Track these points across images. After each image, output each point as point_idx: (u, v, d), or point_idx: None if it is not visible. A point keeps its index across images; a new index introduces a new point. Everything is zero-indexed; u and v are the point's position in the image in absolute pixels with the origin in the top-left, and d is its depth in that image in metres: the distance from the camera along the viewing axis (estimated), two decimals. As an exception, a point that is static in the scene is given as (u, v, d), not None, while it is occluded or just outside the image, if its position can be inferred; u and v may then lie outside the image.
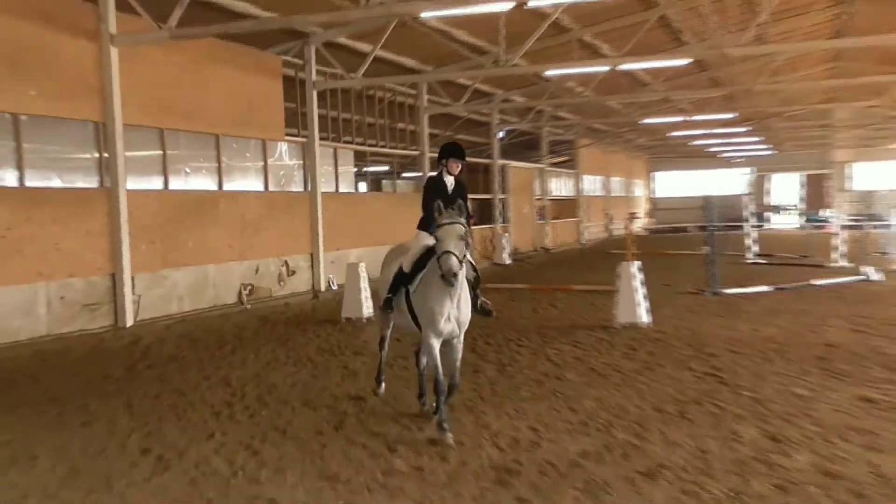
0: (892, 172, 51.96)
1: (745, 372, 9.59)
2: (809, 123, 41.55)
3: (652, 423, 7.41)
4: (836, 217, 28.19)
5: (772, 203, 58.13)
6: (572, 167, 41.87)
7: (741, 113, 34.11)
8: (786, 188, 60.54)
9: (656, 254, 29.08)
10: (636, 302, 13.11)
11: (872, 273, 19.39)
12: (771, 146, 49.95)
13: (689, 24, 20.64)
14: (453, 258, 6.68)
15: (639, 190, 56.14)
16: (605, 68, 22.76)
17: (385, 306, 7.90)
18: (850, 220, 30.15)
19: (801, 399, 8.22)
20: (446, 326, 7.13)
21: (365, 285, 14.94)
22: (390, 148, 25.28)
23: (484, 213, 30.95)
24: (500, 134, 32.74)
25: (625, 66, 22.26)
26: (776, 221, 55.74)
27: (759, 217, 50.41)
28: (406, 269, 7.56)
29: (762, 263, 25.06)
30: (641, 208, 53.89)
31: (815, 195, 52.98)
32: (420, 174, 26.23)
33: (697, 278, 19.07)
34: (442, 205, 6.94)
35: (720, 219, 30.57)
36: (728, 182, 55.11)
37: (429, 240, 7.25)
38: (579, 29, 20.94)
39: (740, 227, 28.65)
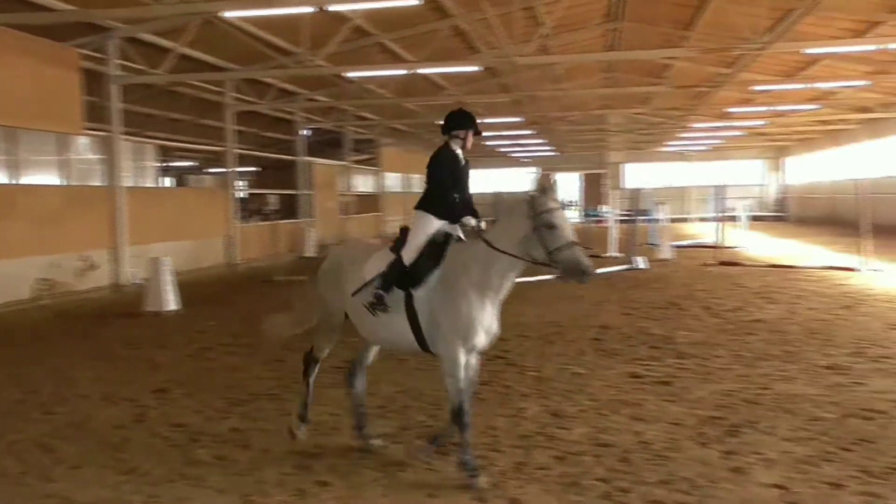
0: (657, 172, 55.91)
1: (531, 354, 10.03)
2: (587, 127, 43.72)
3: (444, 404, 7.57)
4: (610, 212, 29.91)
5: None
6: (375, 165, 42.12)
7: (528, 117, 35.42)
8: (567, 186, 63.62)
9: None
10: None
11: (640, 262, 20.73)
12: (554, 147, 52.25)
13: (480, 33, 21.28)
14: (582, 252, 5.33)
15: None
16: (402, 72, 23.02)
17: (378, 304, 5.73)
18: (622, 215, 32.06)
19: (578, 377, 8.71)
20: (480, 340, 5.57)
21: (167, 279, 14.40)
22: (196, 144, 24.42)
23: (290, 208, 30.50)
24: (305, 132, 32.39)
25: (422, 71, 22.61)
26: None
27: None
28: (407, 261, 5.74)
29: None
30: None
31: (593, 192, 55.92)
32: (226, 170, 25.50)
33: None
34: (552, 181, 5.55)
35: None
36: (517, 180, 57.17)
37: (448, 227, 5.84)
38: (379, 34, 21.08)
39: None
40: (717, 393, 7.80)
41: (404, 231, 6.00)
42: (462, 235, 5.86)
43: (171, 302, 14.33)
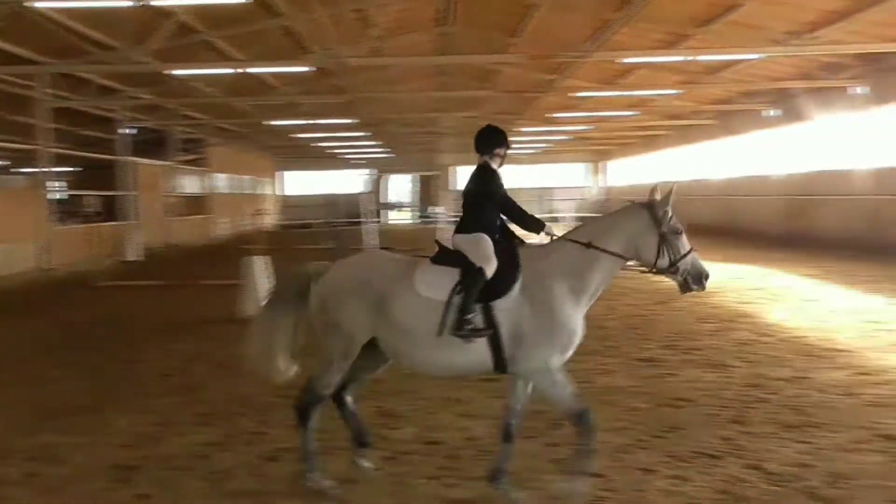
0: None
1: (363, 355, 9.98)
2: (420, 130, 44.22)
3: (276, 409, 7.46)
4: (442, 214, 30.37)
5: (389, 201, 61.33)
6: (203, 165, 40.81)
7: (361, 118, 35.42)
8: (401, 187, 64.19)
9: (285, 249, 29.29)
10: (262, 295, 13.10)
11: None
12: (388, 149, 52.44)
13: (311, 33, 21.04)
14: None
15: (268, 188, 56.12)
16: (230, 71, 22.45)
17: (482, 330, 5.07)
18: (453, 217, 32.64)
19: (411, 378, 8.74)
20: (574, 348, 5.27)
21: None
22: (4, 142, 22.79)
23: (112, 210, 29.07)
24: (128, 130, 30.93)
25: (251, 70, 22.13)
26: (394, 217, 58.96)
27: (379, 214, 52.87)
28: (490, 272, 5.19)
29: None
30: (269, 206, 53.92)
31: (426, 194, 56.61)
32: (40, 170, 23.92)
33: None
34: (671, 189, 5.45)
35: (345, 215, 31.62)
36: (351, 182, 57.07)
37: (542, 237, 5.60)
38: (206, 31, 20.40)
39: (361, 223, 29.69)
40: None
41: (440, 244, 5.61)
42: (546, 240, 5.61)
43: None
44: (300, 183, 59.38)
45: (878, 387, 7.83)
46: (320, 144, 47.27)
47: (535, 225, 5.62)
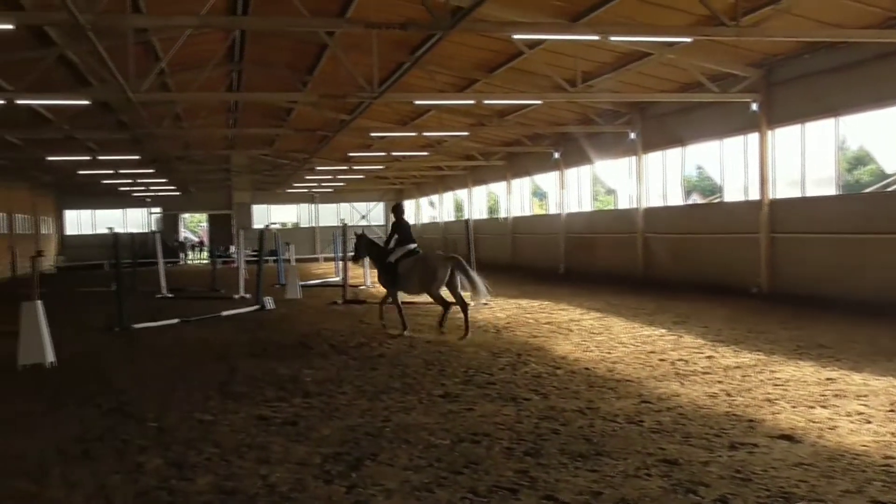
0: (286, 212, 56.95)
1: (152, 402, 9.44)
2: (212, 167, 43.03)
3: (53, 466, 6.86)
4: (238, 253, 29.46)
5: (182, 240, 58.99)
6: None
7: (147, 154, 33.93)
8: (196, 226, 61.95)
9: (67, 292, 27.41)
10: (41, 341, 12.12)
11: (268, 302, 20.67)
12: (176, 187, 50.31)
13: (90, 65, 19.88)
14: None
15: (48, 227, 52.17)
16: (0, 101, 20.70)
17: None
18: (250, 256, 31.83)
19: (203, 424, 8.35)
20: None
21: None
22: None
23: None
24: None
25: (22, 101, 20.52)
26: (191, 258, 56.85)
27: (173, 253, 50.70)
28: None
29: (172, 298, 25.06)
30: (50, 246, 50.25)
31: (223, 233, 54.85)
32: None
33: (109, 315, 18.34)
34: None
35: (135, 256, 30.01)
36: (141, 220, 54.55)
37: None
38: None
39: (153, 264, 28.26)
40: (342, 429, 7.93)
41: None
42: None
43: None
44: (84, 221, 55.73)
45: (660, 414, 8.31)
46: (106, 181, 44.68)
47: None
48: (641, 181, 25.76)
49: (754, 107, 19.70)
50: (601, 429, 7.76)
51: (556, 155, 31.62)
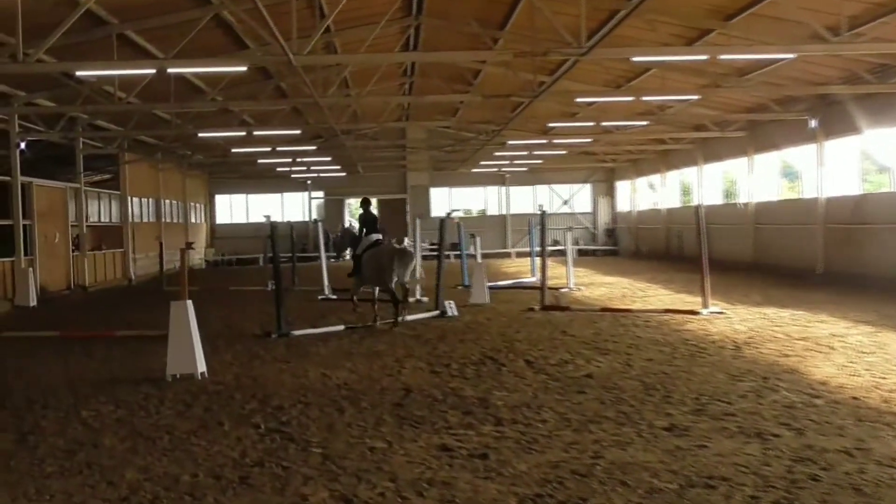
0: (469, 197, 57.31)
1: (316, 425, 9.84)
2: (384, 143, 44.19)
3: (208, 492, 7.33)
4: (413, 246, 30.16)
5: (348, 227, 60.87)
6: (117, 187, 40.36)
7: (309, 128, 35.40)
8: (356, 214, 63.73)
9: (218, 290, 29.10)
10: (191, 348, 12.90)
11: (450, 308, 20.95)
12: (341, 167, 51.95)
13: (248, 26, 21.01)
14: None
15: (198, 215, 55.39)
16: (150, 71, 22.31)
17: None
18: (428, 250, 32.53)
19: (375, 452, 8.62)
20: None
21: None
22: None
23: (2, 243, 28.75)
24: (22, 145, 30.67)
25: (174, 70, 22.03)
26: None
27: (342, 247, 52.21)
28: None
29: (336, 299, 25.96)
30: (200, 237, 53.46)
31: (395, 222, 56.19)
32: None
33: (265, 318, 19.32)
34: None
35: (293, 248, 31.33)
36: (301, 206, 56.73)
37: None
38: (119, 24, 20.33)
39: (315, 258, 29.38)
40: (542, 465, 7.96)
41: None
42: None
43: None
44: (236, 208, 58.62)
45: None
46: (262, 161, 46.98)
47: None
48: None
49: None
50: (875, 476, 7.40)
51: (814, 123, 30.16)
